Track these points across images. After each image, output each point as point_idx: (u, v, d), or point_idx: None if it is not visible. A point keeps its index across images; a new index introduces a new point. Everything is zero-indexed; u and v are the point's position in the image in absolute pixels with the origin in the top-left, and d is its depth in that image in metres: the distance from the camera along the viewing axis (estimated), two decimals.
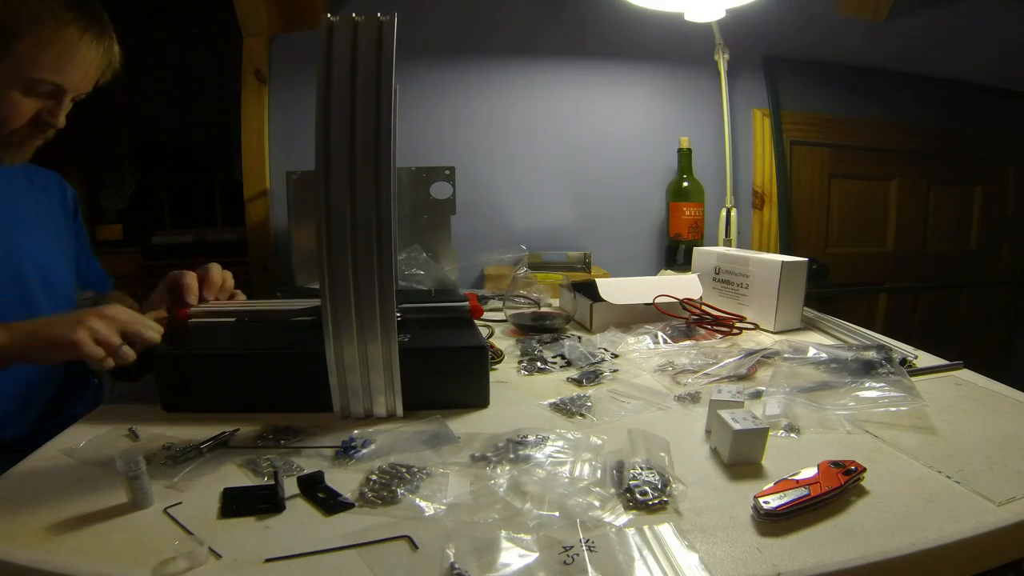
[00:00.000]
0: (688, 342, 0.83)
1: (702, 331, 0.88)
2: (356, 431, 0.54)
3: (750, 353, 0.73)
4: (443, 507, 0.42)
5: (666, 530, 0.40)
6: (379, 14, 0.51)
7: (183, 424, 0.57)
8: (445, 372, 0.61)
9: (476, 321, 0.76)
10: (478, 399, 0.62)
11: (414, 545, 0.38)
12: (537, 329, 0.91)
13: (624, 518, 0.41)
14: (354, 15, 0.51)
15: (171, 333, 0.65)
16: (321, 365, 0.55)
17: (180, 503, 0.43)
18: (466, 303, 0.75)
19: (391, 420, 0.58)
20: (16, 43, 0.65)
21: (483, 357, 0.62)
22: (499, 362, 0.76)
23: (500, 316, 0.98)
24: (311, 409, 0.59)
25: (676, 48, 1.43)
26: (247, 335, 0.69)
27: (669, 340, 0.83)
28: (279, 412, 0.59)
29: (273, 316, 0.71)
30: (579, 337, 0.85)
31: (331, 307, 0.53)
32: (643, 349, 0.81)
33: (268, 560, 0.37)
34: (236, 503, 0.43)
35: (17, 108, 0.69)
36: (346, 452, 0.50)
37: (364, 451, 0.50)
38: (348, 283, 0.53)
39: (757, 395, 0.62)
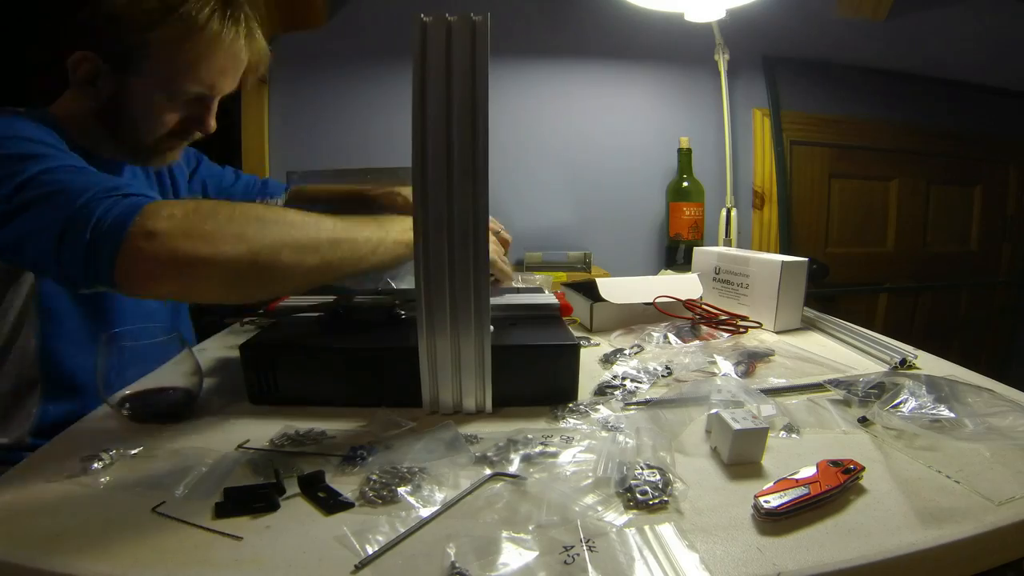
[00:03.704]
0: (690, 342, 0.83)
1: (704, 330, 0.88)
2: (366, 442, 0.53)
3: (751, 352, 0.73)
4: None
5: (667, 530, 0.40)
6: (472, 14, 0.51)
7: (203, 420, 0.58)
8: (537, 369, 0.62)
9: None
10: (568, 394, 0.62)
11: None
12: None
13: (624, 518, 0.41)
14: (447, 15, 0.51)
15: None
16: (412, 360, 0.56)
17: (164, 501, 0.43)
18: (556, 301, 0.76)
19: (479, 416, 0.58)
20: (153, 50, 0.63)
21: (576, 354, 0.62)
22: None
23: None
24: (399, 404, 0.59)
25: (676, 48, 1.44)
26: (337, 329, 0.68)
27: (671, 340, 0.83)
28: (365, 407, 0.59)
29: (360, 311, 0.72)
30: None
31: (425, 302, 0.54)
32: (645, 349, 0.81)
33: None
34: (233, 502, 0.43)
35: (161, 118, 0.67)
36: (351, 459, 0.50)
37: (369, 458, 0.50)
38: (444, 280, 0.53)
39: (757, 395, 0.62)
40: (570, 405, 0.61)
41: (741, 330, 0.89)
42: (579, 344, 0.63)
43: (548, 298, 0.79)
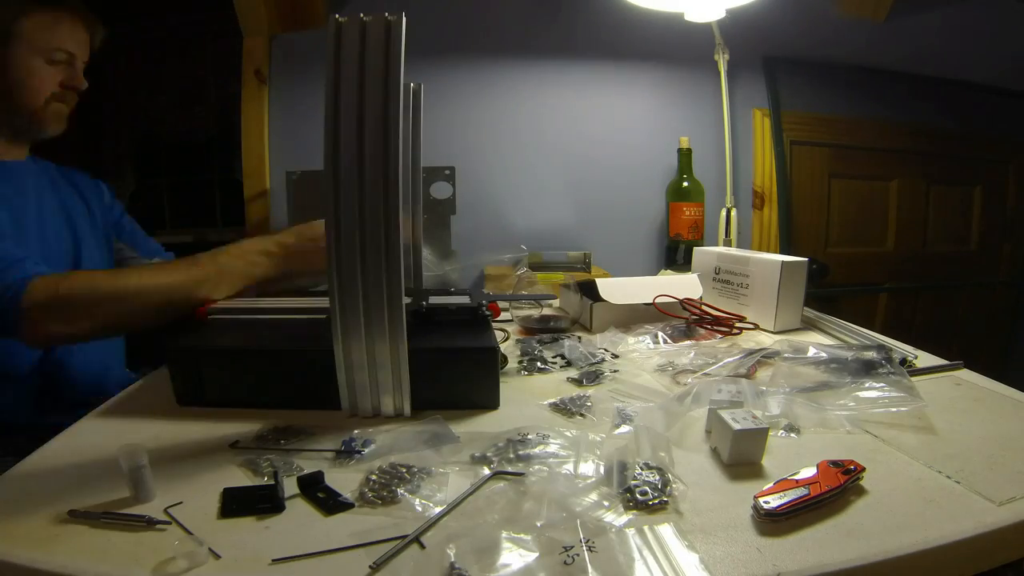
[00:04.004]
0: (688, 342, 0.83)
1: (702, 331, 0.88)
2: (356, 431, 0.54)
3: (750, 353, 0.73)
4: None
5: (666, 530, 0.40)
6: (387, 14, 0.51)
7: (196, 419, 0.58)
8: (455, 373, 0.61)
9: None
10: (488, 401, 0.62)
11: (421, 545, 0.38)
12: (545, 331, 0.91)
13: (624, 518, 0.41)
14: (362, 15, 0.51)
15: (188, 327, 0.67)
16: (332, 363, 0.56)
17: (180, 502, 0.43)
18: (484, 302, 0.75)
19: (398, 419, 0.58)
20: (25, 20, 0.78)
21: (493, 359, 0.62)
22: (503, 366, 0.76)
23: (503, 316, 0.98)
24: (323, 406, 0.59)
25: (676, 48, 1.43)
26: (262, 332, 0.68)
27: (669, 340, 0.83)
28: (291, 409, 0.59)
29: (290, 314, 0.72)
30: (579, 337, 0.85)
31: (339, 306, 0.54)
32: (643, 349, 0.81)
33: (275, 561, 0.37)
34: (236, 503, 0.43)
35: (42, 80, 0.81)
36: (346, 453, 0.50)
37: (364, 451, 0.51)
38: (356, 283, 0.53)
39: (757, 395, 0.62)
40: (570, 406, 0.61)
41: (735, 331, 0.89)
42: (496, 347, 0.62)
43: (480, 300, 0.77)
